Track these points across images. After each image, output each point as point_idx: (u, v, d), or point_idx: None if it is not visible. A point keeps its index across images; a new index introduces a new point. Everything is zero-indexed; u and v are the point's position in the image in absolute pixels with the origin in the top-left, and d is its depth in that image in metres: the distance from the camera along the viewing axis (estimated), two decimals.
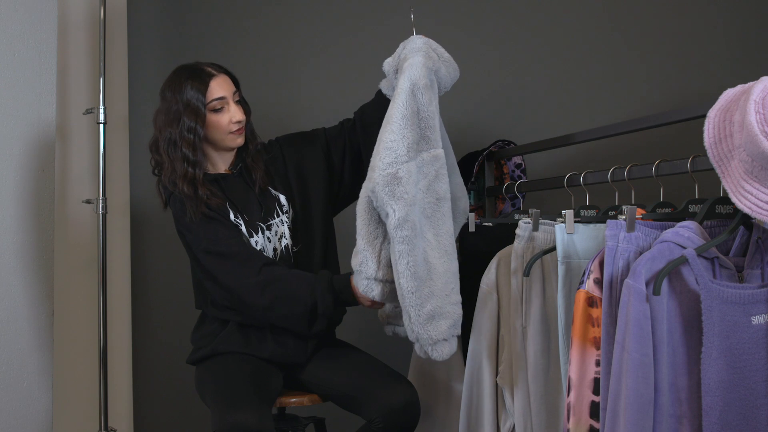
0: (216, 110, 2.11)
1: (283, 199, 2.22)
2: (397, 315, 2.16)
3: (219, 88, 2.11)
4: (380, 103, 2.12)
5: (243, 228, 2.14)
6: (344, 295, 2.01)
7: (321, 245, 2.22)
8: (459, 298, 1.90)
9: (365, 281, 1.92)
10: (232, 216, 2.14)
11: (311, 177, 2.25)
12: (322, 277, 2.04)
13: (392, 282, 1.90)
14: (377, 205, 1.87)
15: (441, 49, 2.05)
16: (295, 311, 2.03)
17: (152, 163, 2.18)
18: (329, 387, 2.15)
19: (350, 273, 1.99)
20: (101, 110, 2.61)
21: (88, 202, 2.63)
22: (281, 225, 2.20)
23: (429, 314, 1.84)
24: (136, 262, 2.90)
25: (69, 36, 2.73)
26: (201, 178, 2.11)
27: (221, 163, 2.21)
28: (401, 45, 2.06)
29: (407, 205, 1.85)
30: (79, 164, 2.74)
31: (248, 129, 2.21)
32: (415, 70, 1.93)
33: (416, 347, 1.89)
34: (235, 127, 2.13)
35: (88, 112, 2.65)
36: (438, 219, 1.91)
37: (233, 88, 2.15)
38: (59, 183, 2.63)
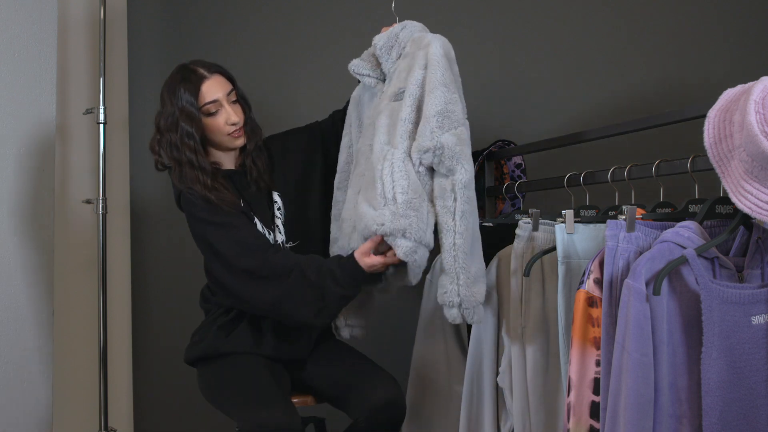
0: (210, 113, 2.06)
1: (276, 195, 2.19)
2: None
3: (211, 90, 2.05)
4: None
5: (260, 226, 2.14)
6: (353, 279, 1.93)
7: (321, 239, 2.18)
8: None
9: (412, 244, 1.85)
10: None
11: (306, 172, 2.22)
12: (328, 272, 1.94)
13: (429, 247, 1.89)
14: (447, 164, 1.86)
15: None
16: (302, 311, 1.96)
17: (156, 162, 2.13)
18: (324, 386, 2.15)
19: (351, 255, 1.92)
20: (101, 110, 2.61)
21: (88, 202, 2.63)
22: (276, 221, 2.18)
23: (475, 275, 1.86)
24: (136, 262, 2.90)
25: (69, 36, 2.73)
26: (217, 178, 2.08)
27: (228, 162, 2.18)
28: (399, 26, 2.06)
29: (472, 165, 1.89)
30: (79, 164, 2.74)
31: (248, 128, 2.14)
32: (442, 46, 1.94)
33: (451, 313, 1.85)
34: (231, 129, 2.08)
35: (88, 112, 2.65)
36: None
37: (228, 88, 2.09)
38: (59, 183, 2.63)
